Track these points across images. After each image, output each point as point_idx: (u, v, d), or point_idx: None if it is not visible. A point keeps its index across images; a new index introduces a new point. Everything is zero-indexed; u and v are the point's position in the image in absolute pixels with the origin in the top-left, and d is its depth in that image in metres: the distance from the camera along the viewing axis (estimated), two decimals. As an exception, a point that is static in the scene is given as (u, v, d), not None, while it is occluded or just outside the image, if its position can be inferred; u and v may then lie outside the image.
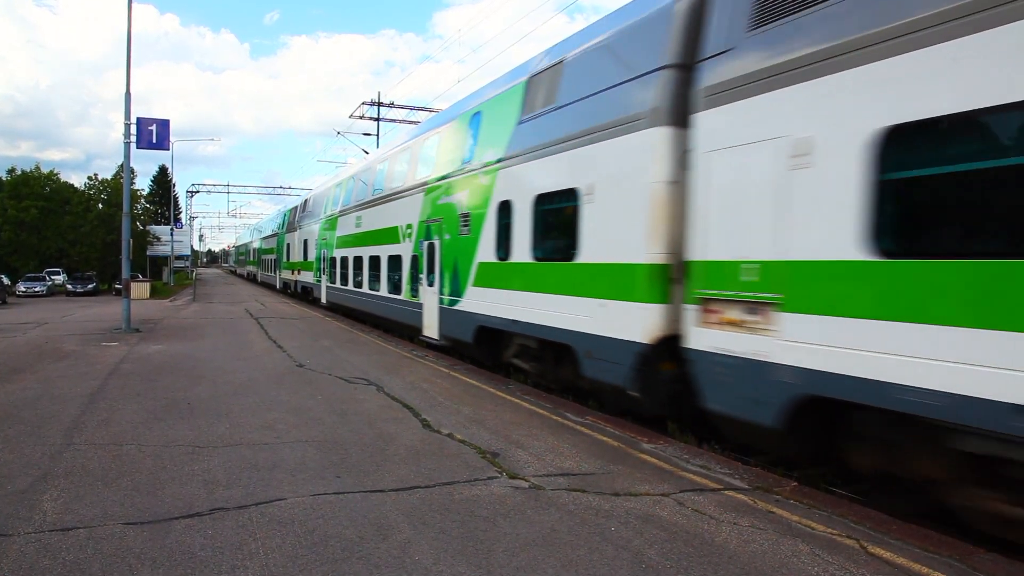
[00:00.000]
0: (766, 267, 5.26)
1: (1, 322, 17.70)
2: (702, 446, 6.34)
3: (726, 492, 4.95)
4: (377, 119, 33.23)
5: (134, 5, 15.35)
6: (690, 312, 6.03)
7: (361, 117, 33.17)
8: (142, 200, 46.28)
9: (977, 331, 3.92)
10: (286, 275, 32.59)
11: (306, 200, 28.28)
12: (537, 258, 8.61)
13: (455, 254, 11.17)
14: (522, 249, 8.92)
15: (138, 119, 16.09)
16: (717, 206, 5.77)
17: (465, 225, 10.72)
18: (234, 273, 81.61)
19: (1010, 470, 4.00)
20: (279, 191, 64.25)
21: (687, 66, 6.34)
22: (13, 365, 10.07)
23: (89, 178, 39.15)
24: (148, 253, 41.52)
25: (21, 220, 35.02)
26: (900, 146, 4.40)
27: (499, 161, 9.68)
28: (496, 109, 10.28)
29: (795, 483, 5.23)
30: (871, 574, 3.62)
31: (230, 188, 65.40)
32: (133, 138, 15.99)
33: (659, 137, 6.50)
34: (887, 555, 3.86)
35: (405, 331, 14.37)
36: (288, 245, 31.22)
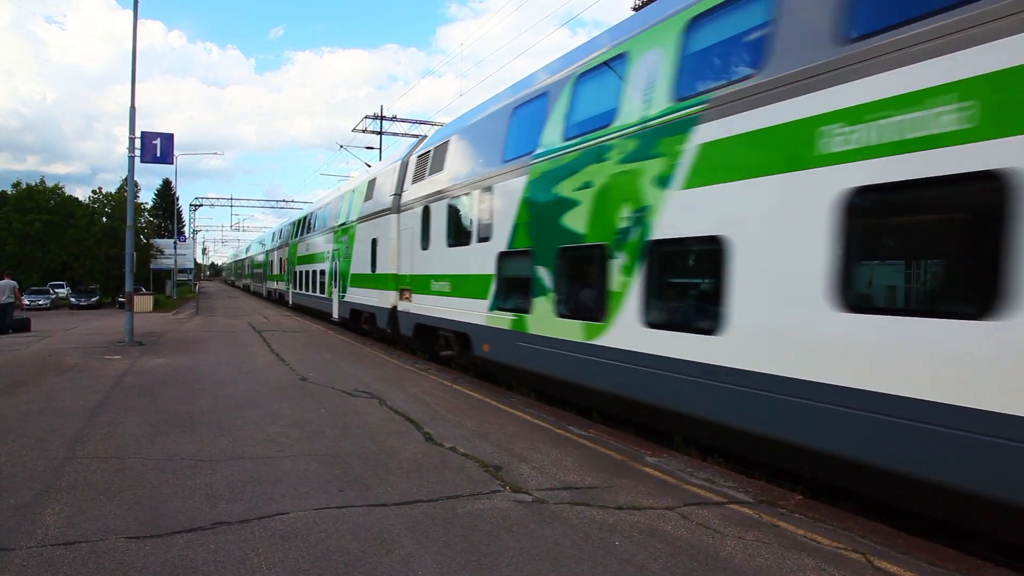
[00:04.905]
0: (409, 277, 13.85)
1: (5, 335, 17.72)
2: (706, 459, 6.31)
3: (731, 505, 4.92)
4: (380, 132, 33.47)
5: (142, 21, 15.59)
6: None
7: (364, 131, 33.41)
8: (146, 213, 46.52)
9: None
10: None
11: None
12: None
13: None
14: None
15: (142, 133, 16.12)
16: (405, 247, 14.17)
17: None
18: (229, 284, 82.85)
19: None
20: (282, 205, 64.54)
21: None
22: (16, 378, 10.08)
23: (93, 192, 39.42)
24: (151, 266, 41.62)
25: (26, 233, 35.14)
26: None
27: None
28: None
29: (800, 496, 5.21)
30: (878, 588, 3.60)
31: (233, 201, 65.80)
32: (137, 152, 16.07)
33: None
34: (893, 569, 3.84)
35: None
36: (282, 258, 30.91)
